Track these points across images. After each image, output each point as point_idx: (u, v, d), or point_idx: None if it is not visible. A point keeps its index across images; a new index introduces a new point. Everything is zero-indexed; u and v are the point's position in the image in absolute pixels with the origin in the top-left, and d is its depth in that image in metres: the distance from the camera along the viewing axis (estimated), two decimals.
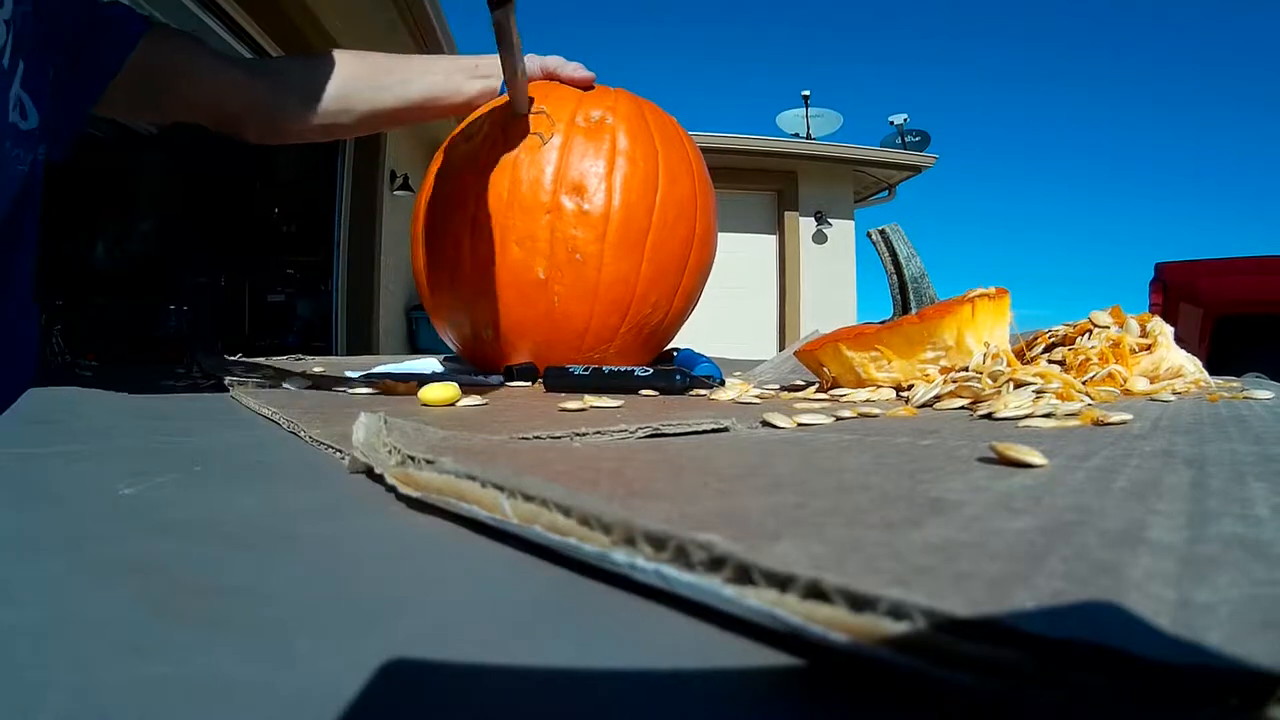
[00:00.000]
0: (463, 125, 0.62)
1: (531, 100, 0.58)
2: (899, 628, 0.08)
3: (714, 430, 0.28)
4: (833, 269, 4.67)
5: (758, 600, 0.09)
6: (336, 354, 2.75)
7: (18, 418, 0.30)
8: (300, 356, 0.81)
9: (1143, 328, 0.44)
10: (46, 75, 0.50)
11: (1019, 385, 0.35)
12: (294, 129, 0.68)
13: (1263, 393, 0.38)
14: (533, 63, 0.64)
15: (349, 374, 0.58)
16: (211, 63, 0.62)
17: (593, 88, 0.61)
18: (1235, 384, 0.47)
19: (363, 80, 0.68)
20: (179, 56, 0.60)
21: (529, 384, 0.51)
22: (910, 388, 0.38)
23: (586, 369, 0.46)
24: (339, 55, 0.70)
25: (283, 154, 3.51)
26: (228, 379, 0.48)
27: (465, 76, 0.68)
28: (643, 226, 0.55)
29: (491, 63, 0.67)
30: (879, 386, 0.41)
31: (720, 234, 0.65)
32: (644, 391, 0.43)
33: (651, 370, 0.44)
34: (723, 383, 0.46)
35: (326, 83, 0.68)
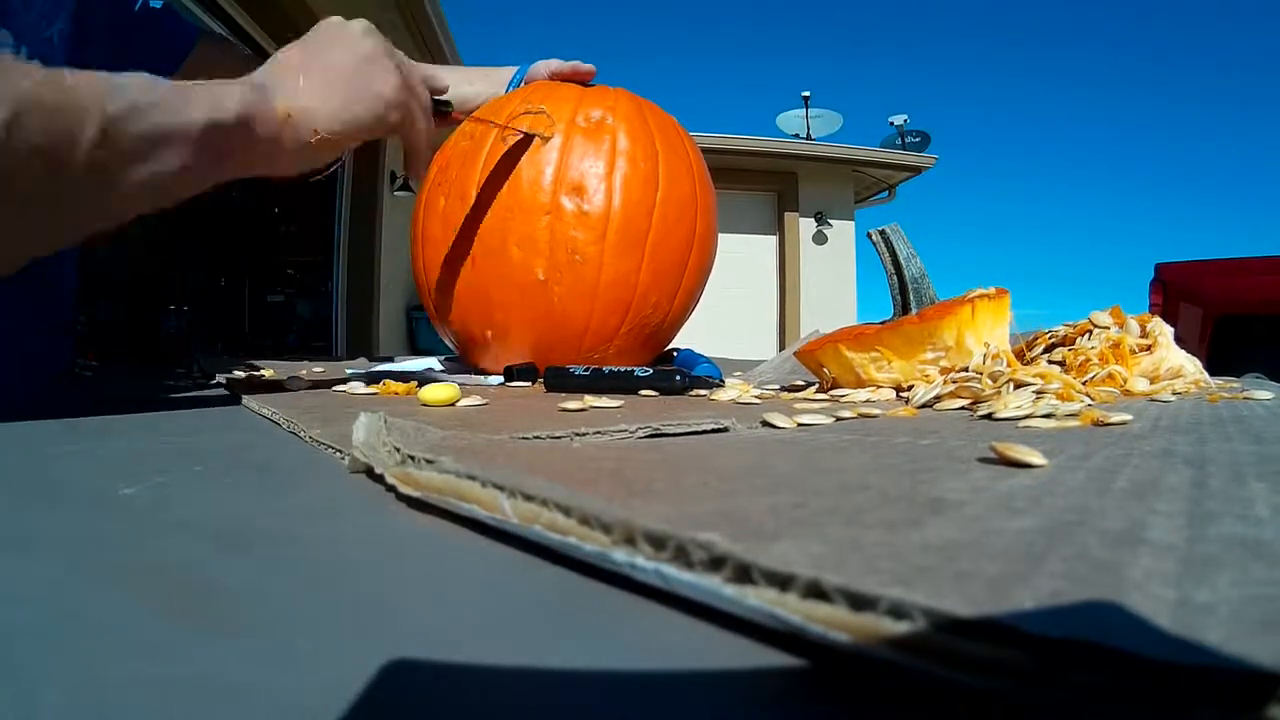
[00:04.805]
0: (462, 125, 0.62)
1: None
2: (899, 627, 0.08)
3: (714, 430, 0.28)
4: (833, 269, 4.67)
5: (758, 600, 0.09)
6: (336, 354, 2.75)
7: (17, 418, 0.30)
8: (300, 359, 0.81)
9: (1143, 328, 0.44)
10: None
11: (1019, 386, 0.35)
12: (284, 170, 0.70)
13: (1263, 393, 0.38)
14: (543, 68, 0.65)
15: (349, 374, 0.58)
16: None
17: (592, 80, 0.61)
18: (1235, 384, 0.47)
19: None
20: (224, 68, 0.61)
21: (529, 384, 0.51)
22: (910, 388, 0.38)
23: (586, 369, 0.46)
24: None
25: None
26: (227, 379, 0.48)
27: (473, 87, 0.69)
28: (643, 227, 0.55)
29: (500, 73, 0.68)
30: (879, 387, 0.41)
31: (720, 234, 0.65)
32: (644, 392, 0.43)
33: (651, 370, 0.44)
34: (723, 383, 0.46)
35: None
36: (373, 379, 0.47)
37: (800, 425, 0.28)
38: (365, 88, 0.39)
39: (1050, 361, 0.43)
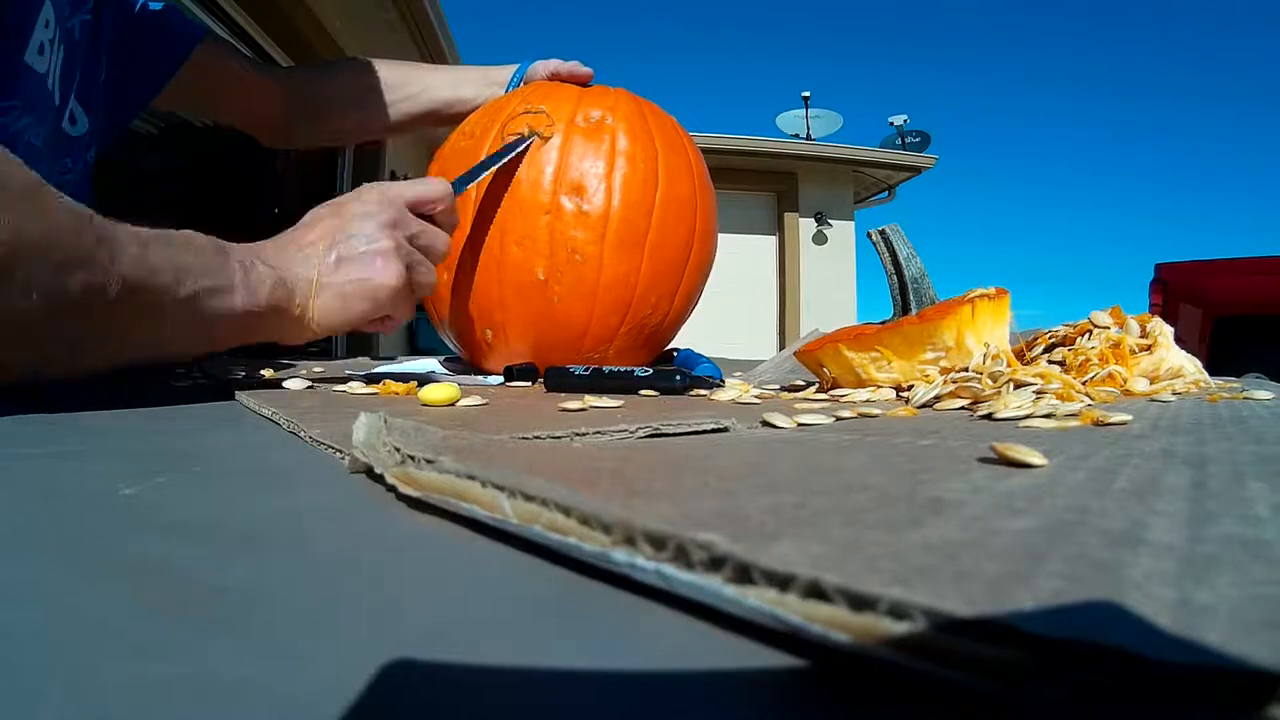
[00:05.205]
0: (462, 124, 0.62)
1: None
2: (899, 627, 0.08)
3: (714, 430, 0.28)
4: (833, 269, 4.67)
5: (758, 600, 0.09)
6: (336, 354, 2.75)
7: (17, 418, 0.30)
8: (293, 362, 0.81)
9: (1143, 328, 0.44)
10: (98, 79, 0.51)
11: (1019, 386, 0.35)
12: (304, 138, 0.72)
13: (1263, 393, 0.38)
14: (542, 68, 0.65)
15: (349, 374, 0.58)
16: (250, 73, 0.66)
17: (590, 83, 0.62)
18: (1235, 384, 0.47)
19: (372, 95, 0.70)
20: (226, 66, 0.64)
21: (529, 384, 0.51)
22: (910, 388, 0.38)
23: (586, 369, 0.46)
24: (350, 68, 0.72)
25: (283, 154, 3.51)
26: (228, 379, 0.48)
27: (472, 87, 0.70)
28: (642, 227, 0.55)
29: (499, 73, 0.69)
30: (879, 387, 0.41)
31: (720, 234, 0.65)
32: (644, 391, 0.43)
33: (651, 370, 0.44)
34: (723, 383, 0.46)
35: (339, 97, 0.70)
36: (373, 379, 0.47)
37: (800, 425, 0.28)
38: (369, 288, 0.43)
39: (1050, 361, 0.43)
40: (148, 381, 0.51)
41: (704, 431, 0.27)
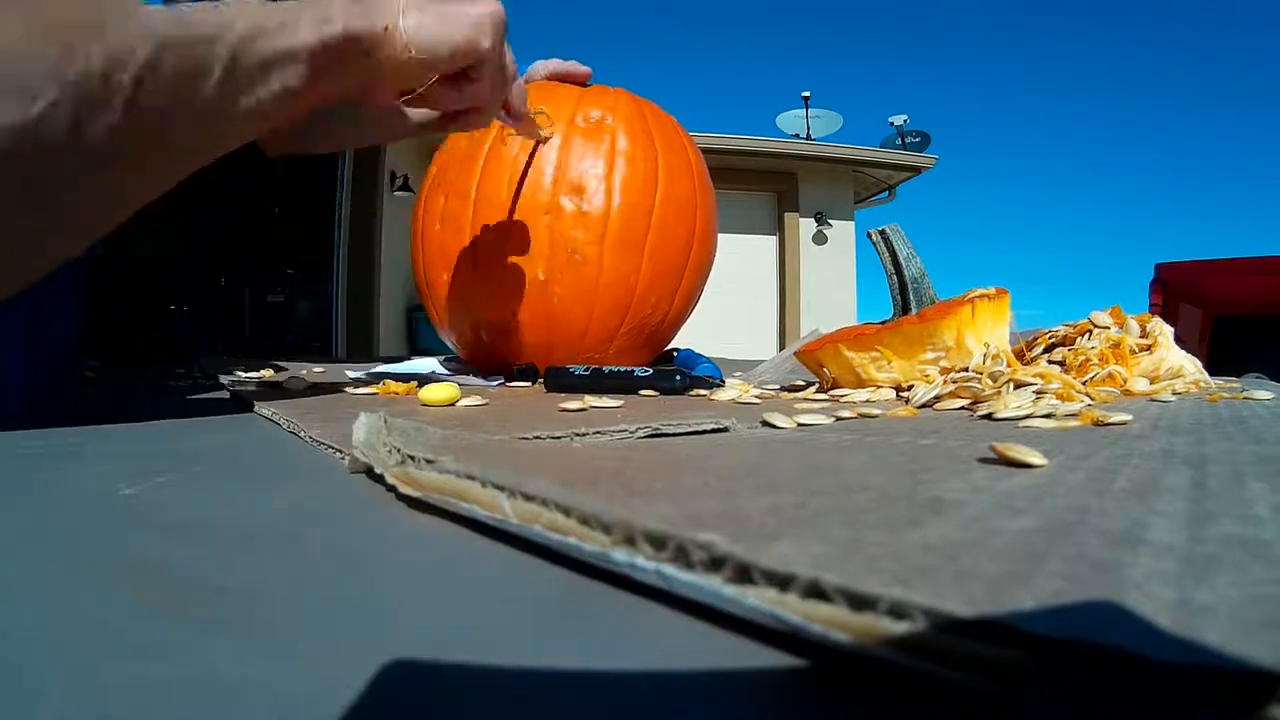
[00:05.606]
0: None
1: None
2: (899, 627, 0.08)
3: (714, 430, 0.28)
4: (833, 270, 4.67)
5: (758, 600, 0.09)
6: (336, 354, 2.75)
7: (19, 418, 0.30)
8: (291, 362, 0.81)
9: (1143, 328, 0.44)
10: None
11: (1019, 386, 0.35)
12: (307, 146, 0.72)
13: (1263, 393, 0.38)
14: (541, 68, 0.65)
15: (349, 374, 0.58)
16: None
17: (589, 82, 0.62)
18: (1235, 384, 0.47)
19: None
20: None
21: (529, 384, 0.51)
22: (910, 388, 0.38)
23: (586, 369, 0.46)
24: None
25: None
26: (228, 379, 0.48)
27: None
28: (642, 227, 0.55)
29: None
30: (879, 387, 0.41)
31: (720, 234, 0.65)
32: (644, 391, 0.43)
33: (651, 370, 0.44)
34: (723, 383, 0.46)
35: (341, 106, 0.70)
36: (373, 379, 0.47)
37: (800, 425, 0.28)
38: (471, 12, 0.37)
39: (1050, 361, 0.43)
40: (149, 382, 0.51)
41: (704, 431, 0.27)
